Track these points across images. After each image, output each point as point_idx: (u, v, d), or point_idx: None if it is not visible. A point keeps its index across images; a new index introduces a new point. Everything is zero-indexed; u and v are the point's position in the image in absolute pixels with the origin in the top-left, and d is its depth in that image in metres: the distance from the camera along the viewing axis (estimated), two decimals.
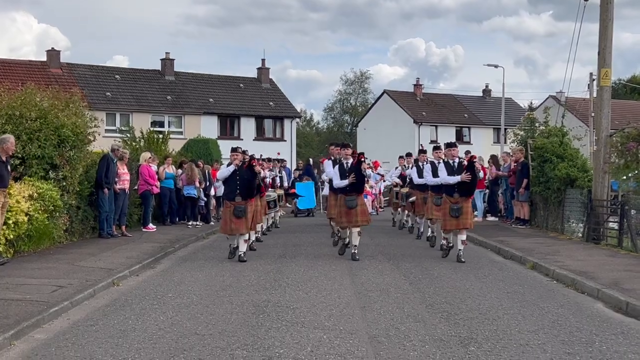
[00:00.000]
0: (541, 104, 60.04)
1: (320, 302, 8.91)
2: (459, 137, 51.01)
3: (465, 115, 53.56)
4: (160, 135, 23.59)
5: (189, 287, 10.09)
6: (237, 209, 12.62)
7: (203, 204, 20.70)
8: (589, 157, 19.99)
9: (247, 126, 46.13)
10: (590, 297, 9.51)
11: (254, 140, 44.46)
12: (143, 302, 9.08)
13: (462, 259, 12.45)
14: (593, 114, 43.85)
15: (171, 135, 25.62)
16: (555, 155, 17.44)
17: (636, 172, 14.27)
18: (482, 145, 47.08)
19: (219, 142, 31.88)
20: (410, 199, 16.93)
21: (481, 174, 12.65)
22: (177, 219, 20.00)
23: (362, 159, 12.95)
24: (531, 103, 75.98)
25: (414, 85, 55.73)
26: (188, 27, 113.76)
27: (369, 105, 64.49)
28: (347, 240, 13.37)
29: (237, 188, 12.70)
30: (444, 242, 13.21)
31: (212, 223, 20.37)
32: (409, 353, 6.58)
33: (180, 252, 14.56)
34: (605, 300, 9.18)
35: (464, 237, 12.86)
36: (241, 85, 48.81)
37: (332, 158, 14.73)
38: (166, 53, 46.62)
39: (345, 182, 12.82)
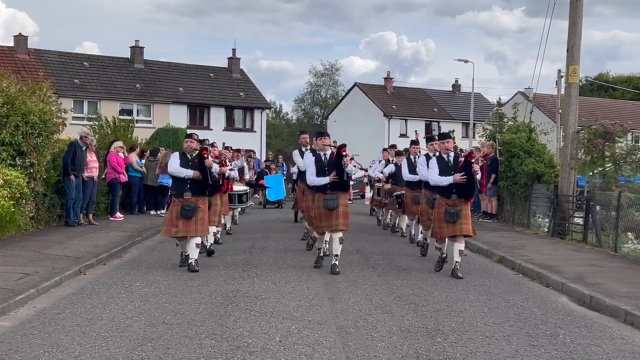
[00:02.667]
0: (510, 99, 60.65)
1: (289, 293, 8.94)
2: (428, 131, 51.16)
3: (435, 109, 53.87)
4: (124, 123, 23.33)
5: (156, 277, 10.05)
6: (185, 207, 10.58)
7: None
8: (555, 153, 20.24)
9: (217, 116, 45.95)
10: (555, 291, 9.65)
11: (223, 130, 44.30)
12: (110, 290, 9.03)
13: (459, 274, 10.30)
14: (560, 111, 44.56)
15: (140, 124, 25.52)
16: (523, 150, 17.63)
17: (602, 168, 14.47)
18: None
19: (189, 131, 31.68)
20: (396, 193, 15.23)
21: (478, 176, 10.97)
22: (144, 208, 19.89)
23: (343, 152, 10.60)
24: (499, 99, 76.71)
25: (385, 78, 55.88)
26: (159, 15, 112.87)
27: (340, 98, 64.58)
28: (327, 248, 11.17)
29: (187, 182, 10.67)
30: (437, 252, 11.14)
31: None
32: (376, 344, 6.62)
33: (147, 242, 14.49)
34: (570, 294, 9.33)
35: (462, 246, 10.62)
36: (211, 74, 48.58)
37: (303, 148, 13.58)
38: (136, 41, 46.17)
39: (326, 179, 10.57)
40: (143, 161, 19.65)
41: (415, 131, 19.49)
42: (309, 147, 13.27)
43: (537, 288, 9.88)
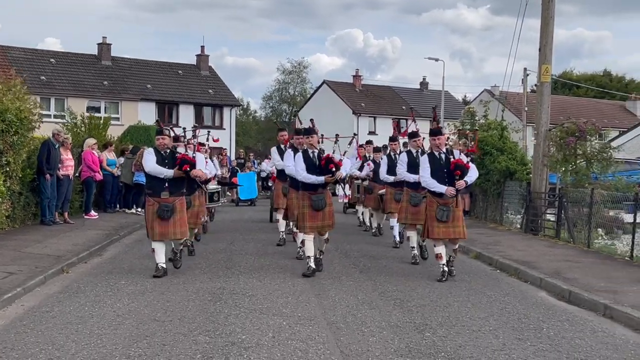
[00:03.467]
0: (476, 97, 61.31)
1: (275, 290, 9.04)
2: (398, 128, 51.66)
3: (403, 107, 54.14)
4: (99, 121, 23.19)
5: (140, 275, 10.08)
6: (162, 208, 9.83)
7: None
8: (523, 150, 20.57)
9: (186, 113, 45.70)
10: (534, 286, 9.88)
11: (192, 128, 44.08)
12: (96, 289, 9.05)
13: (444, 277, 9.92)
14: (526, 108, 45.16)
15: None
16: (495, 148, 17.92)
17: (574, 166, 14.78)
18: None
19: (165, 128, 31.51)
20: (380, 192, 14.44)
21: (472, 177, 10.18)
22: (118, 206, 19.82)
23: (332, 168, 10.03)
24: (465, 96, 77.50)
25: (353, 76, 56.10)
26: (123, 11, 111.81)
27: (308, 95, 64.67)
28: (313, 264, 10.21)
29: (164, 181, 9.93)
30: (438, 261, 10.13)
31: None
32: (368, 338, 6.76)
33: (125, 240, 14.50)
34: (548, 289, 9.56)
35: (455, 246, 10.33)
36: (180, 72, 48.36)
37: (282, 146, 13.13)
38: (103, 37, 45.79)
39: (321, 179, 10.02)
40: (121, 159, 19.57)
41: (393, 120, 18.95)
42: (287, 145, 12.77)
43: (516, 283, 10.10)
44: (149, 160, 10.00)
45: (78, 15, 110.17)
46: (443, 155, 10.09)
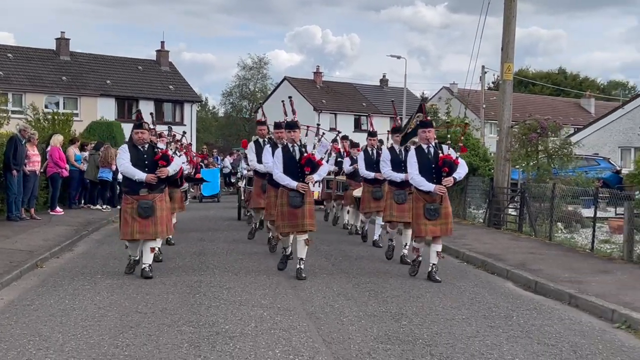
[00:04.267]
0: (435, 94, 61.99)
1: (252, 283, 9.22)
2: (358, 125, 52.13)
3: (364, 104, 54.56)
4: (64, 117, 23.08)
5: (115, 269, 10.17)
6: (142, 206, 9.29)
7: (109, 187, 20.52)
8: (483, 147, 20.99)
9: (146, 109, 44.62)
10: (501, 277, 10.22)
11: (152, 124, 43.91)
12: (73, 283, 9.14)
13: (438, 277, 9.55)
14: (485, 106, 45.90)
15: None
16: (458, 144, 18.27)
17: (536, 161, 15.22)
18: (380, 134, 48.22)
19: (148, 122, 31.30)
20: (355, 193, 13.88)
21: (461, 174, 9.76)
22: (82, 202, 19.77)
23: (309, 182, 9.65)
24: (423, 93, 78.30)
25: (314, 72, 56.33)
26: (79, 5, 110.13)
27: (268, 91, 64.69)
28: (290, 250, 10.24)
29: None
30: (414, 254, 10.06)
31: (119, 207, 20.22)
32: (347, 327, 7.00)
33: (94, 236, 14.52)
34: (515, 279, 9.91)
35: (439, 247, 9.73)
36: (140, 67, 48.09)
37: (261, 140, 12.50)
38: (61, 32, 45.26)
39: (293, 184, 9.56)
40: (85, 154, 19.50)
41: (368, 115, 17.55)
42: (266, 139, 12.39)
43: (483, 275, 10.43)
44: (123, 160, 9.37)
45: (31, 10, 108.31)
46: (432, 150, 9.58)
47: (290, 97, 11.33)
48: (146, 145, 9.52)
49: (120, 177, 19.99)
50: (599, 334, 7.08)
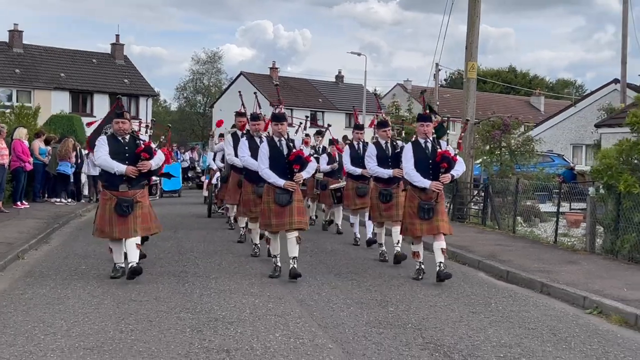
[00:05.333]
0: (389, 91, 62.76)
1: (236, 273, 9.49)
2: (314, 120, 52.44)
3: (320, 100, 54.98)
4: (29, 110, 22.92)
5: (97, 261, 10.29)
6: (121, 202, 8.67)
7: (72, 181, 20.48)
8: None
9: (101, 103, 45.04)
10: (472, 268, 10.65)
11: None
12: (60, 274, 9.28)
13: (447, 271, 9.02)
14: (438, 102, 46.73)
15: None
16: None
17: (499, 157, 15.75)
18: (336, 129, 48.66)
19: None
20: (334, 186, 13.42)
21: (459, 171, 9.40)
22: (46, 195, 19.71)
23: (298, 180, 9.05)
24: (375, 90, 78.96)
25: (270, 68, 56.47)
26: None
27: (222, 86, 64.65)
28: (279, 260, 9.37)
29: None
30: (415, 258, 9.49)
31: (83, 201, 20.21)
32: (338, 313, 7.33)
33: (65, 229, 14.60)
34: (486, 270, 10.35)
35: (443, 244, 9.15)
36: (94, 60, 47.67)
37: (239, 132, 11.92)
38: (14, 24, 44.63)
39: (280, 182, 8.92)
40: (48, 148, 19.44)
41: (354, 107, 16.83)
42: (244, 132, 11.66)
43: (456, 265, 10.80)
44: (101, 152, 8.74)
45: None
46: (429, 145, 9.20)
47: (276, 85, 11.05)
48: (127, 137, 8.88)
49: (86, 169, 20.36)
50: (573, 318, 7.53)
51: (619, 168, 11.20)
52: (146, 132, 11.62)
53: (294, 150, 8.99)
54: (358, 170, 11.62)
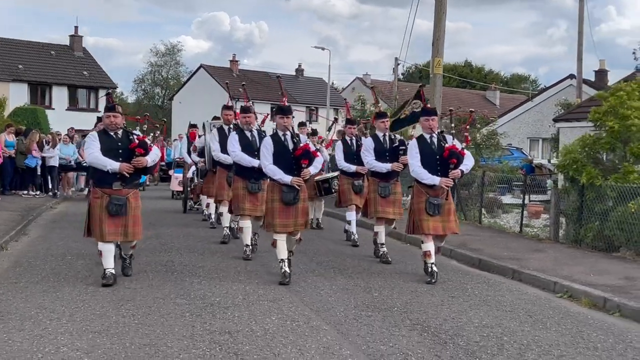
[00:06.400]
0: (348, 85, 63.24)
1: (221, 262, 9.80)
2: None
3: (280, 92, 55.19)
4: None
5: (82, 251, 10.41)
6: (114, 202, 8.11)
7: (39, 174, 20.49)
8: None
9: (60, 95, 44.78)
10: (444, 256, 11.03)
11: (66, 110, 43.43)
12: (48, 263, 9.48)
13: (434, 278, 8.75)
14: (398, 97, 47.32)
15: None
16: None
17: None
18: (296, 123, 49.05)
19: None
20: (318, 178, 12.86)
21: (469, 166, 9.11)
22: (14, 188, 19.71)
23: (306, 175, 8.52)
24: (333, 83, 79.38)
25: (230, 61, 56.52)
26: None
27: (182, 78, 64.48)
28: (287, 265, 8.65)
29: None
30: (426, 259, 8.96)
31: (51, 193, 20.22)
32: (327, 298, 7.71)
33: (39, 221, 14.73)
34: (458, 258, 10.83)
35: (441, 243, 9.34)
36: (52, 52, 47.16)
37: (225, 127, 11.53)
38: None
39: (287, 179, 8.38)
40: (16, 140, 19.43)
41: (345, 100, 16.60)
42: (231, 126, 11.39)
43: (444, 261, 10.66)
44: (92, 148, 8.19)
45: None
46: (435, 140, 8.89)
47: (278, 77, 10.67)
48: (119, 132, 8.30)
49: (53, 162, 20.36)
50: (546, 302, 8.03)
51: (582, 161, 11.77)
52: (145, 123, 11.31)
53: (301, 145, 8.45)
54: (352, 167, 11.33)
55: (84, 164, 19.67)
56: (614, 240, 10.97)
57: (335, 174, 12.87)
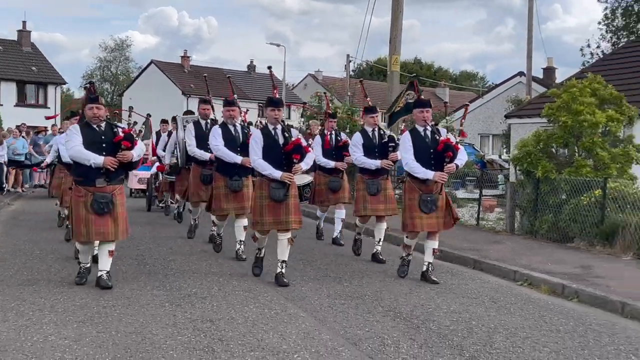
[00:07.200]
0: (300, 82, 63.54)
1: (191, 255, 9.98)
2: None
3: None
4: None
5: (55, 247, 10.48)
6: (98, 200, 7.66)
7: None
8: None
9: (7, 91, 44.07)
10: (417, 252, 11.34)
11: (14, 106, 42.81)
12: (19, 258, 9.55)
13: (434, 277, 8.59)
14: (350, 93, 47.78)
15: None
16: (343, 131, 19.54)
17: None
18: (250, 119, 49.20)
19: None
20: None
21: (463, 160, 8.67)
22: None
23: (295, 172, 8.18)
24: (284, 79, 79.55)
25: (182, 57, 56.35)
26: None
27: (132, 74, 63.93)
28: (264, 252, 8.72)
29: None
30: (404, 251, 9.00)
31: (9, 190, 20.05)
32: (300, 289, 7.97)
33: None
34: (421, 250, 10.85)
35: (435, 244, 8.80)
36: (0, 47, 46.40)
37: (202, 121, 11.01)
38: None
39: (277, 174, 8.04)
40: None
41: (325, 93, 16.48)
42: (209, 120, 10.99)
43: (391, 247, 11.44)
44: (74, 143, 7.71)
45: None
46: (429, 133, 8.52)
47: (269, 67, 10.08)
48: (103, 124, 7.83)
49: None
50: (507, 289, 8.42)
51: (537, 155, 12.24)
52: (129, 118, 11.20)
53: (292, 139, 8.13)
54: (331, 163, 10.94)
55: (36, 161, 19.66)
56: (568, 231, 11.44)
57: (310, 179, 12.73)
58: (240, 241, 9.68)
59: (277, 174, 8.03)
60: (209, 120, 11.02)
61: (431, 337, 6.16)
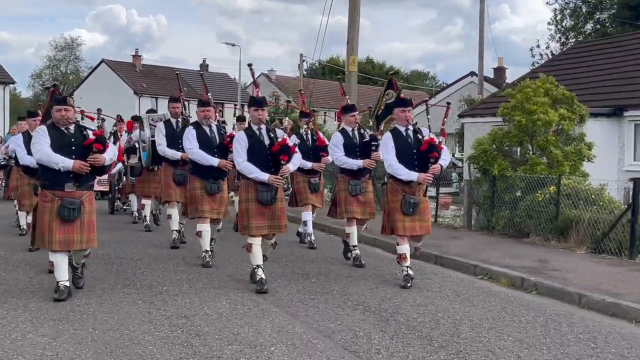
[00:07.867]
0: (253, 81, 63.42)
1: (157, 255, 10.06)
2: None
3: (185, 88, 54.81)
4: None
5: (19, 247, 10.40)
6: (66, 205, 7.17)
7: None
8: (327, 132, 22.61)
9: None
10: (368, 245, 11.58)
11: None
12: (16, 256, 9.70)
13: (409, 283, 8.27)
14: (303, 92, 48.08)
15: None
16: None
17: None
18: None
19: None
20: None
21: (447, 161, 8.57)
22: None
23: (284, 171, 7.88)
24: (235, 78, 79.35)
25: (133, 56, 55.79)
26: None
27: (82, 73, 63.15)
28: (262, 273, 8.02)
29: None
30: (402, 263, 8.40)
31: None
32: (270, 285, 8.07)
33: None
34: (382, 246, 11.38)
35: (417, 243, 8.75)
36: None
37: (173, 120, 10.84)
38: None
39: (264, 177, 7.77)
40: None
41: (300, 91, 16.58)
42: (179, 120, 10.86)
43: (369, 250, 11.21)
44: (40, 145, 7.23)
45: None
46: (411, 133, 8.31)
47: (250, 65, 9.58)
48: (72, 126, 7.42)
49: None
50: (469, 283, 8.72)
51: (493, 154, 12.60)
52: (98, 119, 10.64)
53: (279, 140, 7.87)
54: (308, 164, 10.66)
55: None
56: (524, 227, 11.82)
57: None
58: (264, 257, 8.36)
59: (264, 176, 7.73)
60: (179, 120, 10.85)
61: (401, 328, 6.40)
